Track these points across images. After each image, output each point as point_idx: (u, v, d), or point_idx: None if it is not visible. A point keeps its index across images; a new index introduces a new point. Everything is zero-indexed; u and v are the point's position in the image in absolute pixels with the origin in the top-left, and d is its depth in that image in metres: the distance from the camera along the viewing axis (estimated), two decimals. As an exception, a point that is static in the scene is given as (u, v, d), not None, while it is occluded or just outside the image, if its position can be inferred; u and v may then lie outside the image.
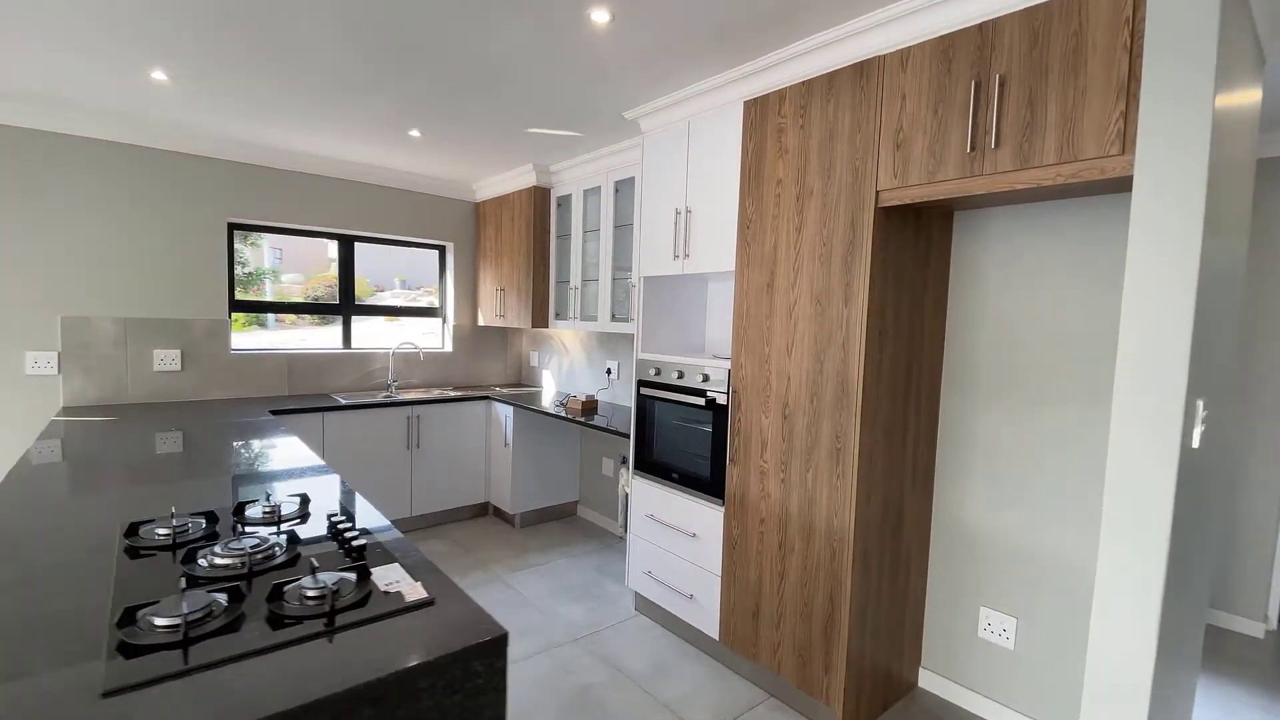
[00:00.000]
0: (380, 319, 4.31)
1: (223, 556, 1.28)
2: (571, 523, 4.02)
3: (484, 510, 4.08)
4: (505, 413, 3.83)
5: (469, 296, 4.45)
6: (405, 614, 1.13)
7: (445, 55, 2.24)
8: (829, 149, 2.05)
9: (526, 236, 3.84)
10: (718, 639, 2.44)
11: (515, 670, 2.38)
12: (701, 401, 2.47)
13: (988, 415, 2.14)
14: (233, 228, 3.57)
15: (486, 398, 3.96)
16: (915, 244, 2.08)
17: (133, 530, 1.42)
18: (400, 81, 2.49)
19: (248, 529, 1.49)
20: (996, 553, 2.13)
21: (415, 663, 0.98)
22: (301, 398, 3.62)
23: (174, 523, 1.43)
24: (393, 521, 3.65)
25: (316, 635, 1.03)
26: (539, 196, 3.79)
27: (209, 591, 1.11)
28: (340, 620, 1.07)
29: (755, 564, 2.31)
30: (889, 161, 1.88)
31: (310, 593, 1.13)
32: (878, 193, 1.92)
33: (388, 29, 2.05)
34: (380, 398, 3.68)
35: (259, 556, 1.30)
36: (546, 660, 2.45)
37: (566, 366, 4.21)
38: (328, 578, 1.19)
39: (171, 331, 3.32)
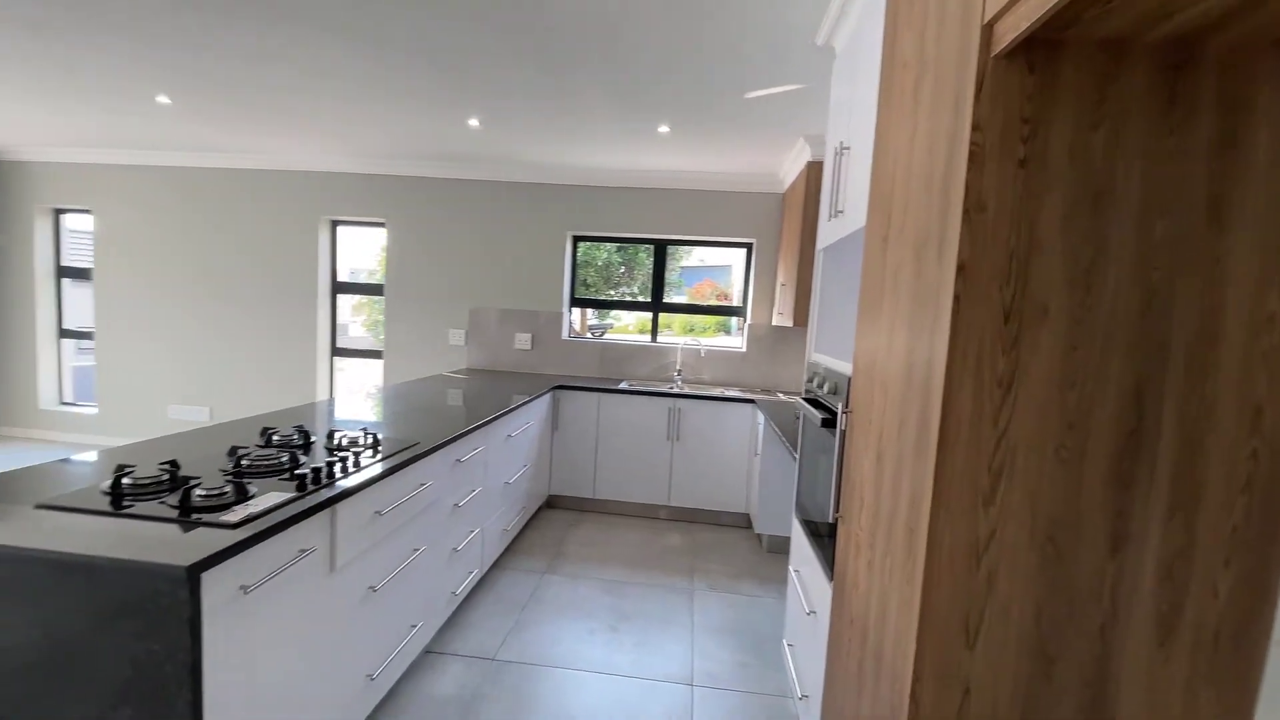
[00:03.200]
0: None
1: (239, 459, 1.70)
2: (829, 565, 3.30)
3: (746, 522, 3.78)
4: (760, 419, 3.45)
5: (768, 294, 4.17)
6: (200, 527, 1.28)
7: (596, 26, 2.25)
8: (946, -24, 1.12)
9: (800, 220, 3.36)
10: (813, 775, 1.65)
11: (569, 676, 2.18)
12: (819, 420, 1.70)
13: None
14: (576, 239, 4.41)
15: (752, 401, 3.66)
16: (1168, 121, 0.93)
17: (266, 430, 2.02)
18: (603, 70, 2.62)
19: (330, 448, 1.92)
20: None
21: (110, 554, 1.12)
22: (600, 379, 4.16)
23: (280, 435, 1.97)
24: (652, 506, 3.80)
25: (157, 518, 1.31)
26: (813, 174, 3.25)
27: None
28: (180, 515, 1.32)
29: (841, 684, 1.47)
30: (1003, -50, 0.91)
31: (197, 492, 1.41)
32: (987, 29, 0.95)
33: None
34: (664, 388, 3.87)
35: (249, 462, 1.67)
36: (614, 686, 2.15)
37: (856, 377, 3.46)
38: (212, 484, 1.44)
39: (526, 320, 4.35)
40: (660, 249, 4.37)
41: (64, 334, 5.05)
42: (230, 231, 4.57)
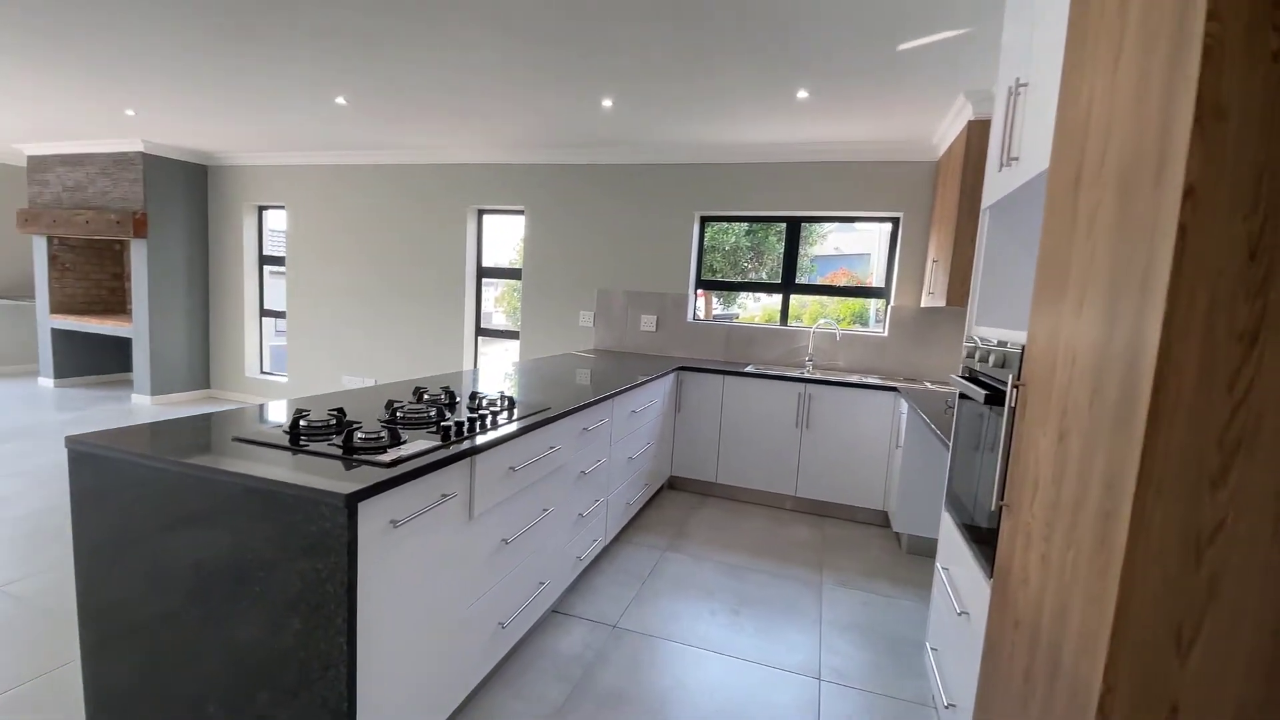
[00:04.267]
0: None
1: (394, 411, 1.85)
2: (978, 572, 2.96)
3: (883, 520, 3.50)
4: (903, 408, 3.17)
5: (915, 273, 3.81)
6: (359, 465, 1.40)
7: None
8: None
9: (958, 188, 3.03)
10: (959, 792, 1.47)
11: (689, 652, 2.12)
12: (981, 396, 1.50)
13: None
14: (704, 220, 4.34)
15: (894, 389, 3.37)
16: None
17: (418, 390, 2.18)
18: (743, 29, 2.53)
19: (471, 407, 2.02)
20: None
21: (286, 480, 1.26)
22: (724, 363, 4.06)
23: (429, 394, 2.12)
24: (778, 495, 3.66)
25: (325, 455, 1.45)
26: (975, 134, 2.91)
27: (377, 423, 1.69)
28: (343, 453, 1.45)
29: (1001, 693, 1.29)
30: None
31: (358, 435, 1.55)
32: (1243, -119, 0.75)
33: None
34: (794, 373, 3.70)
35: (402, 414, 1.81)
36: (735, 669, 2.07)
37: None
38: (370, 430, 1.57)
39: (652, 302, 4.37)
40: (793, 228, 4.18)
41: (265, 314, 5.90)
42: (392, 222, 5.06)
